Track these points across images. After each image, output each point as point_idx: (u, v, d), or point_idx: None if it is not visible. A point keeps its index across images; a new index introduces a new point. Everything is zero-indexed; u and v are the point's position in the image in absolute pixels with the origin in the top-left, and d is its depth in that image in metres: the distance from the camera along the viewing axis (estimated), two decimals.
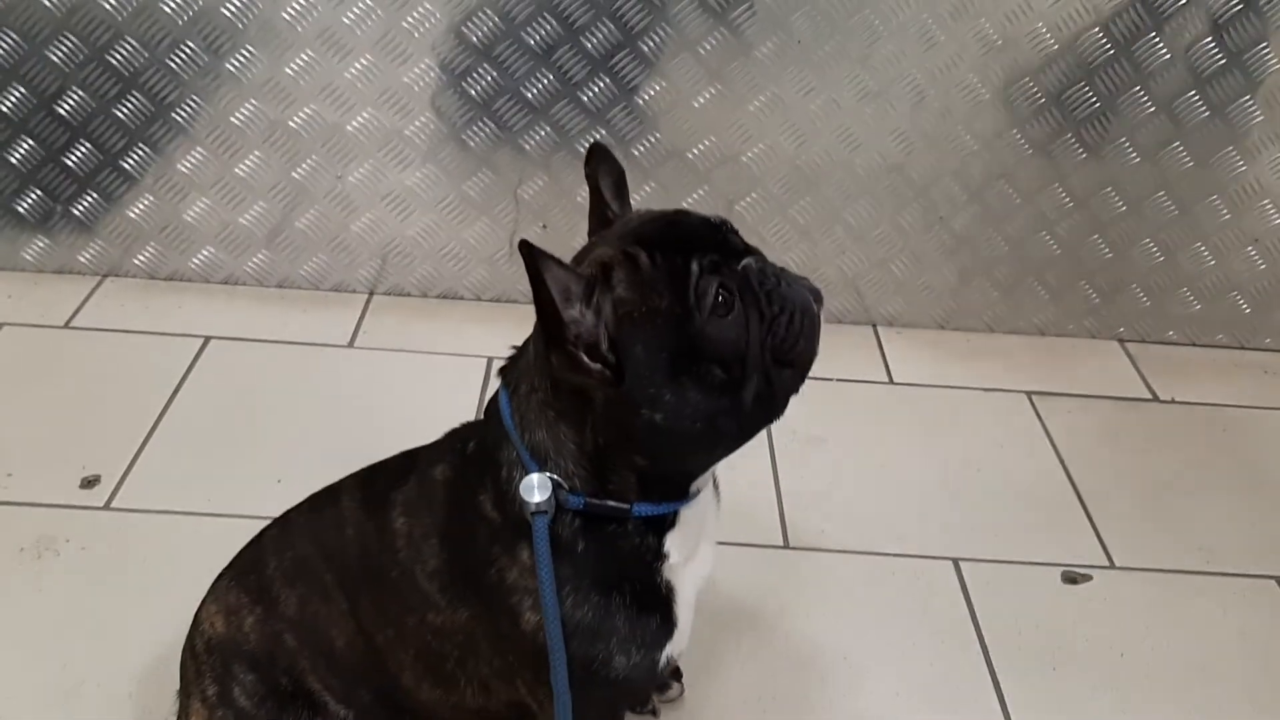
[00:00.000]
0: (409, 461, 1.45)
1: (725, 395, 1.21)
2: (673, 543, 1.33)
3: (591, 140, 2.51)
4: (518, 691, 1.37)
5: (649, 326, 1.19)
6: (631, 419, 1.21)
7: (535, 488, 1.24)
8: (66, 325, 2.51)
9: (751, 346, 1.21)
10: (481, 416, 2.12)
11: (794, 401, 1.28)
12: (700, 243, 1.22)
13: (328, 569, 1.42)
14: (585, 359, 1.18)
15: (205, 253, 2.66)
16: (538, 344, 1.25)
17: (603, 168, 1.36)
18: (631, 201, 1.39)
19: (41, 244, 2.63)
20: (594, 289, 1.18)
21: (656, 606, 1.34)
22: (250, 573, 1.48)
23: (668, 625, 1.35)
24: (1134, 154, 2.60)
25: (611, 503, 1.27)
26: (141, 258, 2.66)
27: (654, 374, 1.19)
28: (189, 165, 2.54)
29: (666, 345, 1.19)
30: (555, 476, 1.25)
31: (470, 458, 1.36)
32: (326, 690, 1.45)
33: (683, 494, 1.32)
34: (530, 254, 1.12)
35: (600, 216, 1.36)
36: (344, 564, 1.41)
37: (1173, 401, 2.63)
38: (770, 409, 1.26)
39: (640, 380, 1.19)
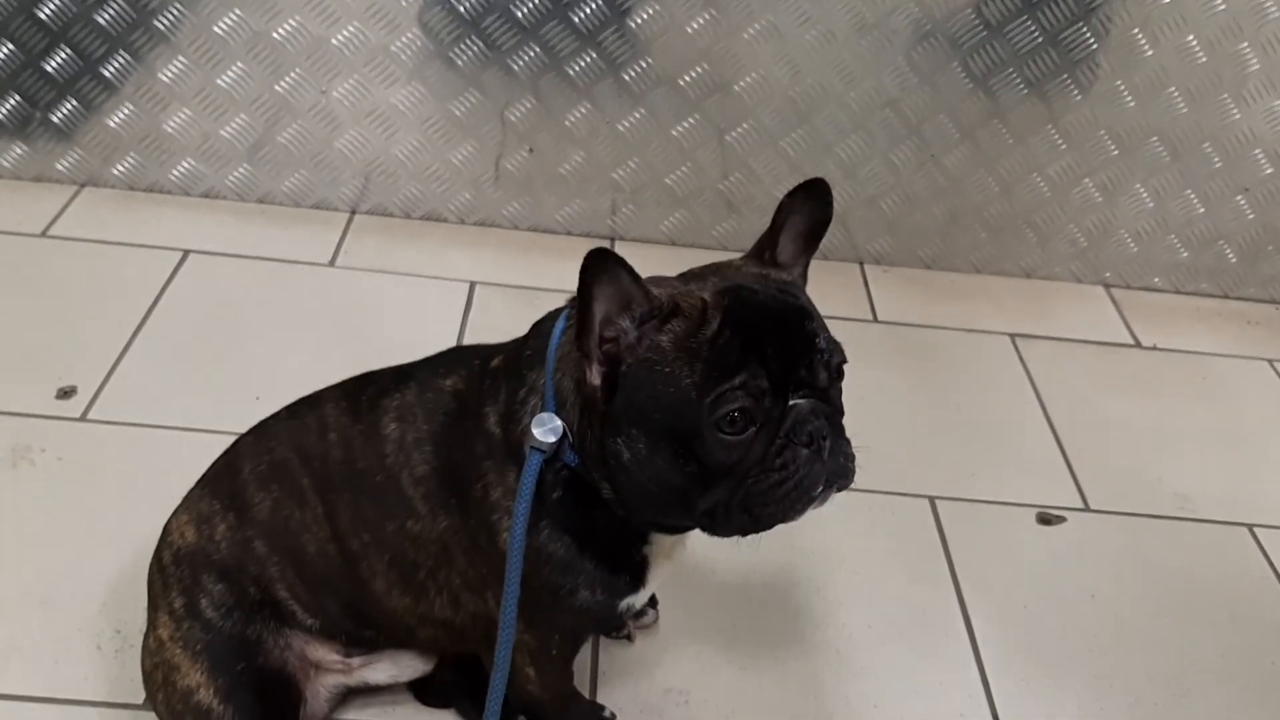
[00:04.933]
0: (404, 373, 1.44)
1: (687, 484, 1.21)
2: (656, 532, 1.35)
3: (584, 62, 2.47)
4: (486, 604, 1.38)
5: (660, 387, 1.17)
6: (608, 438, 1.22)
7: (546, 426, 1.24)
8: (44, 234, 2.47)
9: (733, 474, 1.19)
10: (460, 343, 2.12)
11: None
12: (781, 356, 1.18)
13: (305, 473, 1.41)
14: (594, 366, 1.18)
15: (185, 165, 2.61)
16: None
17: (808, 207, 1.29)
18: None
19: (19, 151, 2.58)
20: (650, 320, 1.17)
21: (629, 569, 1.36)
22: (224, 477, 1.48)
23: (635, 585, 1.37)
24: (1129, 97, 2.57)
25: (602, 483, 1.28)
26: (121, 168, 2.61)
27: (639, 424, 1.19)
28: (170, 75, 2.49)
29: (662, 412, 1.18)
30: (565, 426, 1.25)
31: (489, 371, 1.36)
32: (294, 599, 1.45)
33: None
34: (601, 259, 1.10)
35: (761, 243, 1.31)
36: (324, 468, 1.40)
37: (1155, 348, 2.64)
38: (714, 527, 1.25)
39: (626, 416, 1.20)
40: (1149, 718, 1.74)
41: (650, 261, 1.48)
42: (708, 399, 1.15)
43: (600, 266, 1.11)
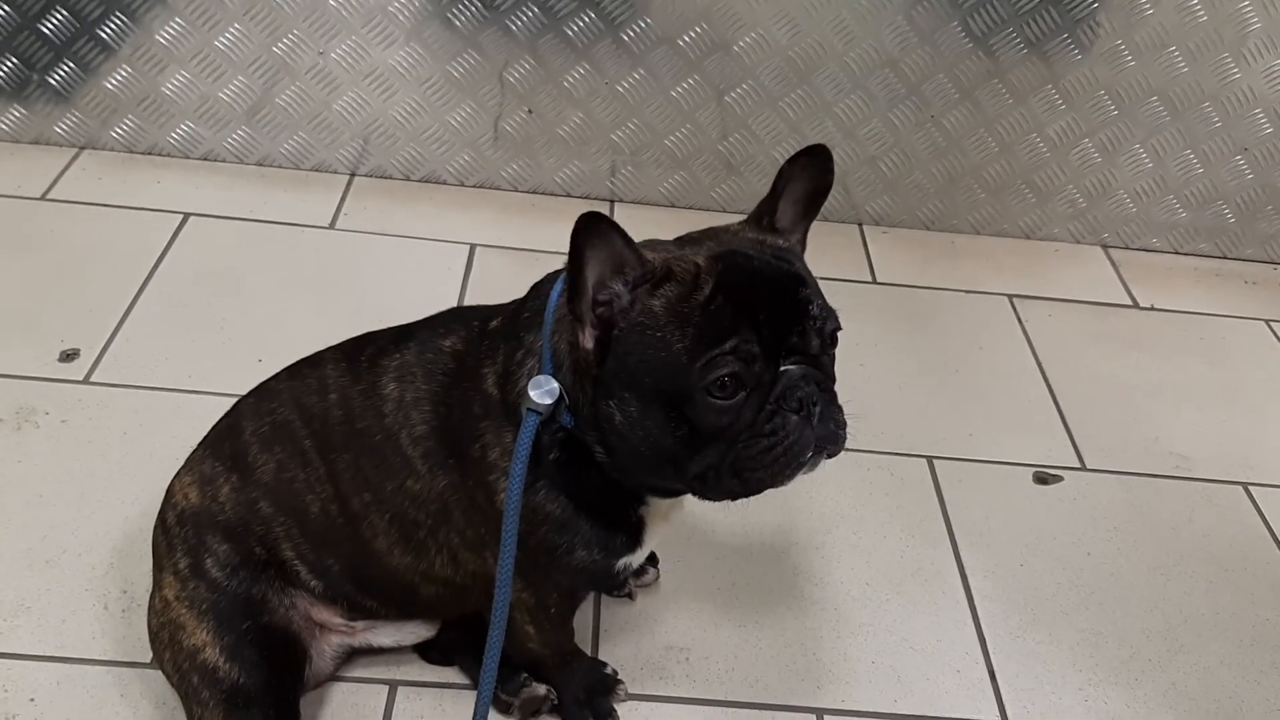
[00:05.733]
0: (404, 333, 1.45)
1: (678, 447, 1.22)
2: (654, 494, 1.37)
3: (583, 21, 2.46)
4: (485, 563, 1.40)
5: (651, 351, 1.18)
6: (600, 401, 1.23)
7: (543, 388, 1.25)
8: (43, 197, 2.47)
9: (723, 438, 1.20)
10: (461, 305, 2.12)
11: None
12: (773, 322, 1.18)
13: (307, 434, 1.43)
14: (587, 329, 1.19)
15: (184, 127, 2.61)
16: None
17: (809, 173, 1.29)
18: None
19: (17, 114, 2.57)
20: (643, 284, 1.18)
21: (625, 530, 1.38)
22: (225, 440, 1.49)
23: (631, 544, 1.39)
24: (1129, 56, 2.56)
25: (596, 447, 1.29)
26: (119, 130, 2.61)
27: (631, 387, 1.20)
28: (167, 36, 2.48)
29: (654, 375, 1.19)
30: (563, 389, 1.26)
31: (488, 332, 1.37)
32: (299, 559, 1.47)
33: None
34: (593, 222, 1.11)
35: (761, 209, 1.31)
36: (325, 428, 1.42)
37: (1152, 308, 2.65)
38: (704, 491, 1.26)
39: (618, 379, 1.21)
40: (1143, 672, 1.77)
41: (650, 224, 1.49)
42: (698, 363, 1.17)
43: (592, 230, 1.12)
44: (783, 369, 1.20)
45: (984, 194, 2.76)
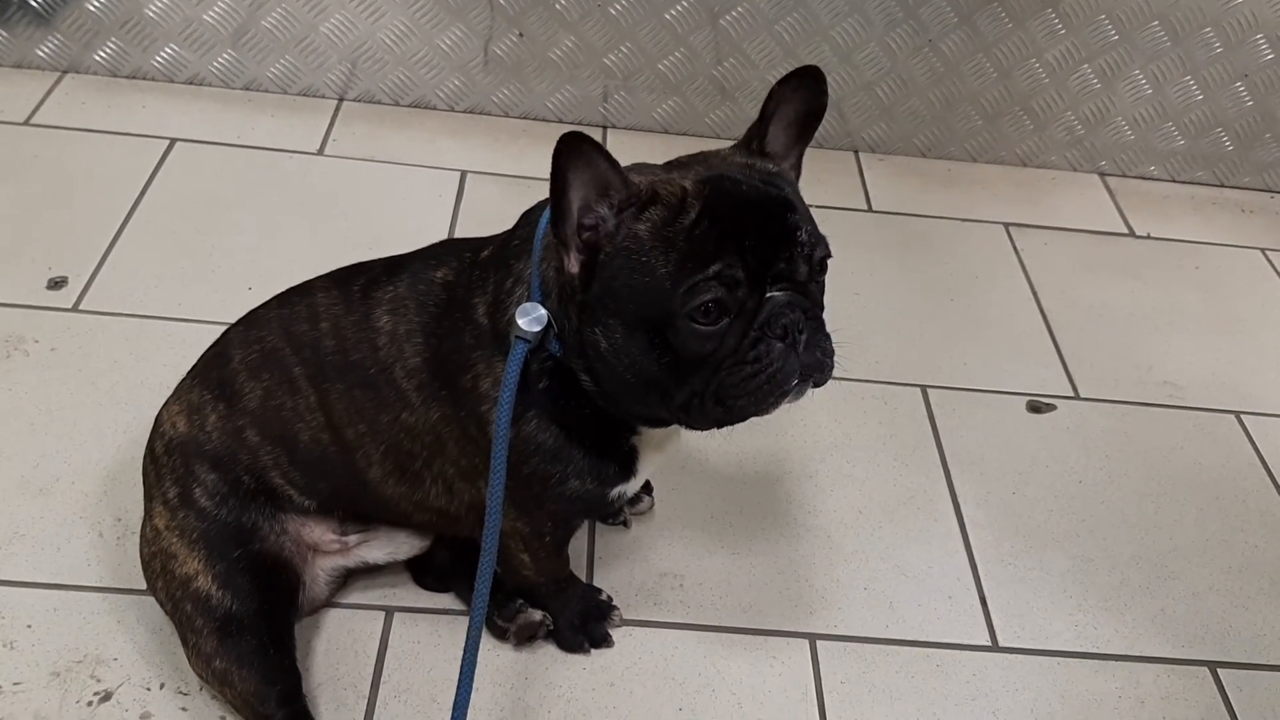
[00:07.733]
0: (395, 264, 1.44)
1: (663, 374, 1.21)
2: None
3: None
4: (480, 493, 1.39)
5: (636, 276, 1.17)
6: (585, 328, 1.22)
7: (531, 315, 1.24)
8: (27, 122, 2.42)
9: (706, 364, 1.19)
10: (452, 233, 2.10)
11: None
12: (759, 248, 1.16)
13: (297, 362, 1.42)
14: (572, 254, 1.18)
15: (168, 50, 2.56)
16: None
17: (800, 95, 1.25)
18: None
19: None
20: (628, 207, 1.16)
21: (617, 459, 1.37)
22: (214, 367, 1.48)
23: (625, 474, 1.39)
24: None
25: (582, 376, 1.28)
26: (102, 54, 2.55)
27: (615, 313, 1.19)
28: None
29: (638, 301, 1.17)
30: (551, 316, 1.25)
31: (479, 262, 1.36)
32: (290, 484, 1.47)
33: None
34: (576, 142, 1.08)
35: (751, 133, 1.28)
36: (316, 356, 1.41)
37: (1148, 237, 2.63)
38: (689, 420, 1.25)
39: (603, 305, 1.19)
40: (1133, 599, 1.78)
41: (643, 150, 1.47)
42: (681, 288, 1.15)
43: (574, 151, 1.10)
44: (768, 295, 1.19)
45: (981, 120, 2.73)
